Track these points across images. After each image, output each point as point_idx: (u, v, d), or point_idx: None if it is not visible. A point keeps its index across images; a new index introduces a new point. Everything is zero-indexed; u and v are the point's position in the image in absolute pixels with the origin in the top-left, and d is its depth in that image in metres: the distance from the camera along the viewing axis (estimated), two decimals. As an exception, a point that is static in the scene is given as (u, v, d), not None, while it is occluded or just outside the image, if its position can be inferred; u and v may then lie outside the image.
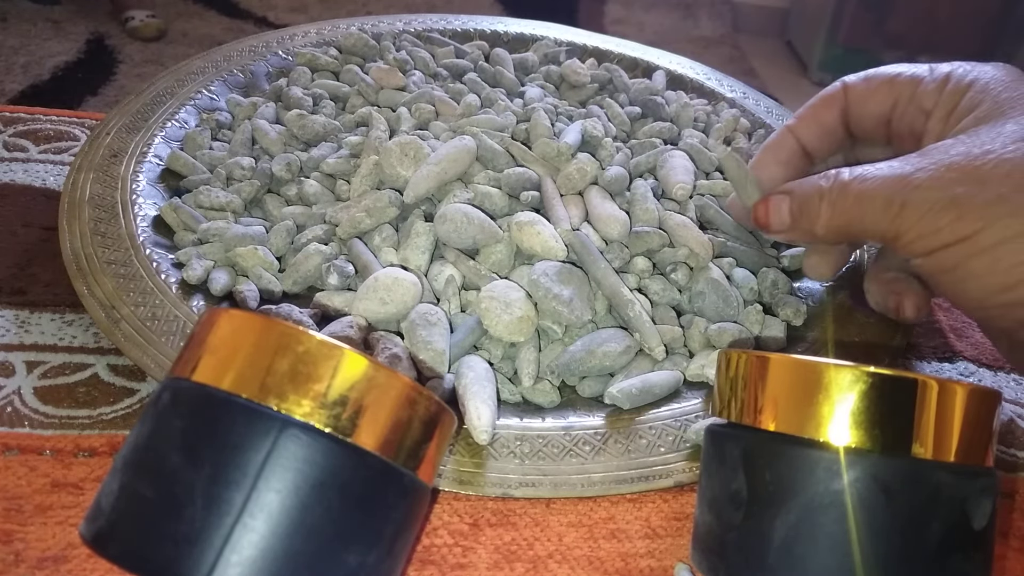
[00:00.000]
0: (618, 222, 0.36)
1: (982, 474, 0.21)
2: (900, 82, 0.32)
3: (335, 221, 0.37)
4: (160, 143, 0.41)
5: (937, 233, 0.27)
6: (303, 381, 0.19)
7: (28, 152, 0.44)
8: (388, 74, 0.46)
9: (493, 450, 0.29)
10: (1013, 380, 0.38)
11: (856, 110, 0.33)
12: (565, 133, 0.41)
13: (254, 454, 0.18)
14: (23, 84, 1.61)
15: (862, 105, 0.33)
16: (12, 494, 0.27)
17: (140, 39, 1.84)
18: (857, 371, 0.20)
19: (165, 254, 0.35)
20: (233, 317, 0.21)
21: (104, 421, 0.30)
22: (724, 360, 0.24)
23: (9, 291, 0.35)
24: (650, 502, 0.29)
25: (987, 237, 0.26)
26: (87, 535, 0.19)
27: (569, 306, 0.33)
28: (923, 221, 0.27)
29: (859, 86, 0.33)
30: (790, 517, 0.20)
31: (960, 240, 0.27)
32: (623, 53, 0.56)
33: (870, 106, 0.33)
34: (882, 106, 0.32)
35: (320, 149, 0.41)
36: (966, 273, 0.27)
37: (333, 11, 2.09)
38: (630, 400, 0.31)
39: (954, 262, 0.27)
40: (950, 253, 0.27)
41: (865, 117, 0.33)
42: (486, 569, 0.26)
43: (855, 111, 0.33)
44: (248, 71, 0.48)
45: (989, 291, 0.27)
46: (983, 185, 0.26)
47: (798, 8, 2.32)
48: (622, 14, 2.38)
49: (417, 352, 0.31)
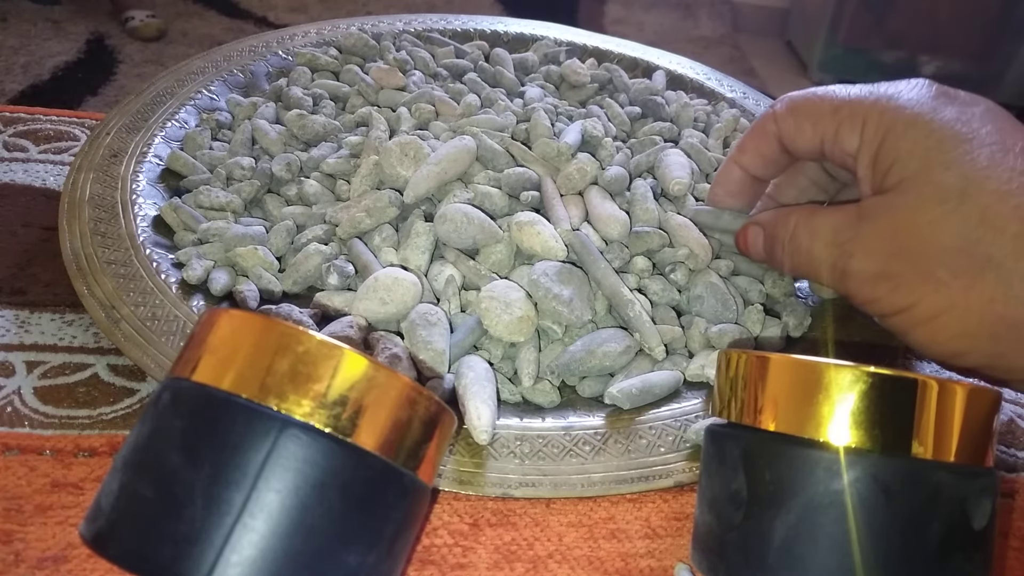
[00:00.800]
0: (618, 222, 0.36)
1: (982, 474, 0.21)
2: (823, 121, 0.31)
3: (335, 221, 0.37)
4: (160, 143, 0.41)
5: (878, 302, 0.28)
6: (303, 381, 0.19)
7: (28, 152, 0.44)
8: (388, 74, 0.46)
9: (493, 450, 0.29)
10: (1013, 380, 0.38)
11: (789, 143, 0.33)
12: (565, 133, 0.41)
13: (254, 454, 0.18)
14: (23, 84, 1.61)
15: (792, 140, 0.32)
16: (12, 494, 0.27)
17: (140, 39, 1.84)
18: (857, 371, 0.20)
19: (165, 254, 0.35)
20: (233, 317, 0.21)
21: (104, 421, 0.30)
22: (724, 360, 0.24)
23: (9, 291, 0.35)
24: (650, 502, 0.29)
25: (921, 312, 0.27)
26: (87, 535, 0.19)
27: (569, 306, 0.33)
28: (863, 290, 0.28)
29: (787, 122, 0.32)
30: (790, 517, 0.20)
31: (900, 311, 0.28)
32: (623, 53, 0.56)
33: (799, 142, 0.32)
34: (811, 143, 0.32)
35: (320, 149, 0.41)
36: (916, 341, 0.28)
37: (333, 11, 2.09)
38: (630, 400, 0.31)
39: (903, 328, 0.28)
40: (896, 321, 0.28)
41: (799, 150, 0.33)
42: (486, 569, 0.26)
43: (788, 143, 0.33)
44: (248, 71, 0.48)
45: (943, 356, 0.28)
46: (910, 260, 0.27)
47: (798, 8, 2.32)
48: (622, 14, 2.38)
49: (417, 352, 0.31)
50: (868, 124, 0.29)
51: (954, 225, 0.26)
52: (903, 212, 0.27)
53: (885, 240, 0.28)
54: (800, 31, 2.28)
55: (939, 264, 0.26)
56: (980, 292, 0.26)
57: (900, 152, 0.28)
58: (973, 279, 0.26)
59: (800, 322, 0.36)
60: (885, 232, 0.28)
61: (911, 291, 0.27)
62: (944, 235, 0.26)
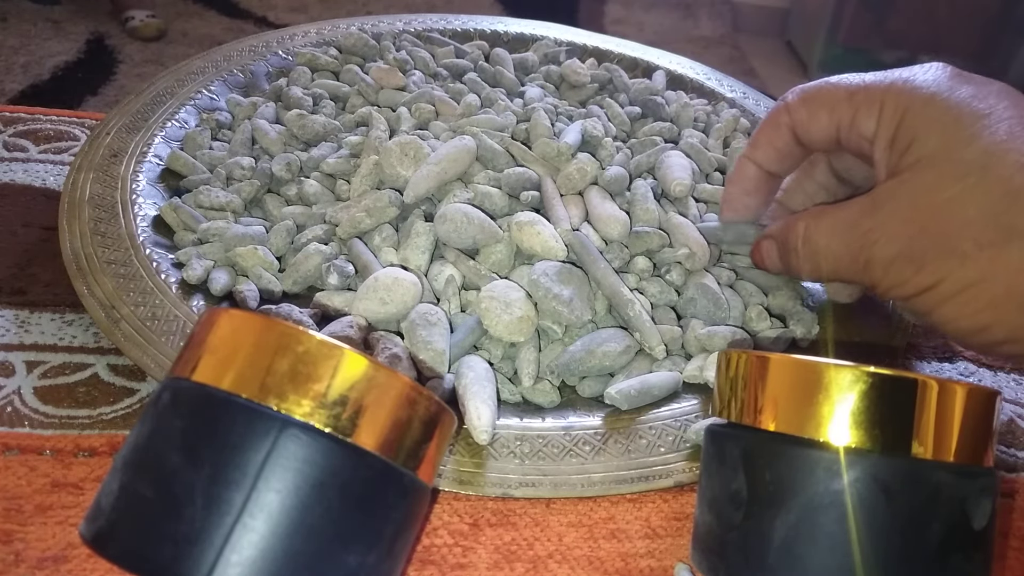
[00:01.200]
0: (618, 222, 0.36)
1: (982, 474, 0.21)
2: (839, 108, 0.31)
3: (335, 221, 0.37)
4: (160, 143, 0.41)
5: (903, 285, 0.28)
6: (303, 381, 0.19)
7: (28, 152, 0.44)
8: (388, 74, 0.46)
9: (493, 450, 0.29)
10: (1013, 380, 0.38)
11: (803, 134, 0.32)
12: (565, 133, 0.41)
13: (254, 454, 0.18)
14: (23, 84, 1.61)
15: (807, 130, 0.32)
16: (12, 494, 0.27)
17: (140, 39, 1.84)
18: (857, 371, 0.20)
19: (165, 254, 0.35)
20: (233, 317, 0.21)
21: (104, 421, 0.30)
22: (724, 360, 0.24)
23: (9, 291, 0.35)
24: (650, 502, 0.29)
25: (948, 288, 0.27)
26: (87, 535, 0.19)
27: (569, 306, 0.33)
28: (888, 276, 0.28)
29: (800, 112, 0.32)
30: (790, 517, 0.20)
31: (925, 290, 0.27)
32: (623, 53, 0.56)
33: (814, 132, 0.32)
34: (826, 131, 0.31)
35: (320, 149, 0.41)
36: (941, 318, 0.28)
37: (333, 11, 2.09)
38: (629, 401, 0.31)
39: (927, 308, 0.28)
40: (921, 301, 0.28)
41: (814, 140, 0.32)
42: (486, 569, 0.26)
43: (802, 134, 0.32)
44: (248, 71, 0.48)
45: (966, 332, 0.28)
46: (933, 238, 0.27)
47: (798, 8, 2.32)
48: (622, 14, 2.38)
49: (417, 352, 0.31)
50: (886, 106, 0.29)
51: (978, 198, 0.26)
52: (923, 190, 0.27)
53: (906, 221, 0.27)
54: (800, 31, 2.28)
55: (964, 237, 0.26)
56: (1007, 262, 0.26)
57: (919, 131, 0.28)
58: (999, 249, 0.26)
59: (808, 331, 0.36)
60: (906, 213, 0.27)
61: (937, 268, 0.27)
62: (968, 208, 0.26)
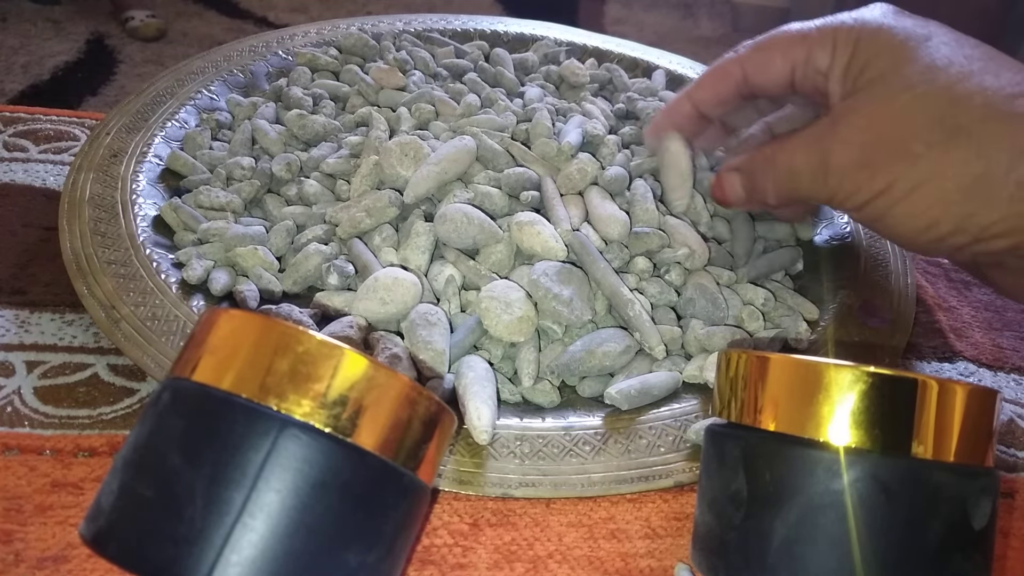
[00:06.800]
0: (618, 222, 0.36)
1: (982, 474, 0.21)
2: (793, 49, 0.33)
3: (335, 221, 0.37)
4: (160, 143, 0.41)
5: (859, 191, 0.30)
6: (303, 381, 0.19)
7: (28, 152, 0.44)
8: (388, 74, 0.46)
9: (493, 450, 0.29)
10: (1013, 380, 0.38)
11: (756, 80, 0.34)
12: (566, 133, 0.41)
13: (254, 454, 0.18)
14: (23, 84, 1.61)
15: (761, 75, 0.34)
16: (12, 494, 0.27)
17: (140, 39, 1.84)
18: (857, 371, 0.20)
19: (165, 254, 0.35)
20: (233, 317, 0.21)
21: (104, 421, 0.30)
22: (724, 360, 0.24)
23: (9, 291, 0.35)
24: (650, 502, 0.29)
25: (899, 189, 0.29)
26: (87, 535, 0.19)
27: (569, 306, 0.33)
28: (844, 183, 0.31)
29: (754, 58, 0.34)
30: (790, 517, 0.20)
31: (878, 194, 0.30)
32: (623, 53, 0.56)
33: (769, 75, 0.34)
34: (780, 73, 0.34)
35: (320, 149, 0.41)
36: (893, 220, 0.30)
37: (333, 11, 2.09)
38: (628, 401, 0.31)
39: (880, 212, 0.30)
40: (874, 206, 0.30)
41: (767, 85, 0.35)
42: (486, 569, 0.26)
43: (755, 80, 0.35)
44: (248, 71, 0.48)
45: (916, 231, 0.30)
46: (886, 143, 0.29)
47: (798, 8, 2.31)
48: (622, 14, 2.38)
49: (417, 352, 0.31)
50: (838, 41, 0.32)
51: (926, 104, 0.29)
52: (876, 103, 0.30)
53: (861, 131, 0.30)
54: (800, 31, 2.28)
55: (914, 139, 0.29)
56: (954, 155, 0.28)
57: (870, 56, 0.31)
58: (947, 146, 0.28)
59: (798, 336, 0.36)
60: (860, 124, 0.30)
61: (890, 171, 0.29)
62: (916, 115, 0.29)
